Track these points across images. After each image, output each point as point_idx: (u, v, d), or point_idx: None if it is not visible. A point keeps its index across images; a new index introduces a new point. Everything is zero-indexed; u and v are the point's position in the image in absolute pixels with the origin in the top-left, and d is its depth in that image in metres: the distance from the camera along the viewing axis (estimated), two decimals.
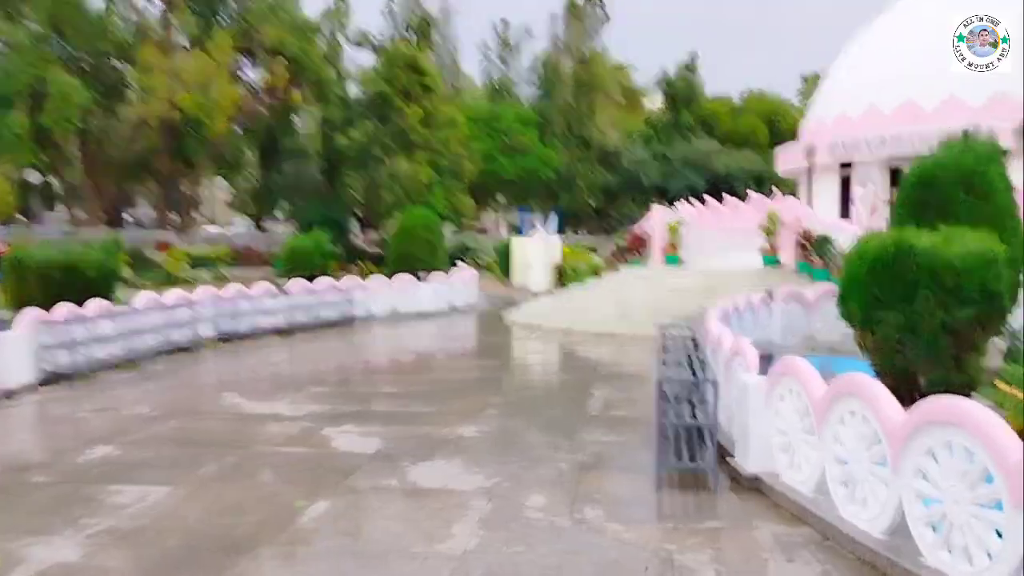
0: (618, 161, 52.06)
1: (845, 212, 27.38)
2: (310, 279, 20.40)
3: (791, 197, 29.94)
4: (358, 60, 48.11)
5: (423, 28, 45.57)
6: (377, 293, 21.66)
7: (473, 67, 75.96)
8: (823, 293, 15.39)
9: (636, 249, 23.06)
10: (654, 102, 64.68)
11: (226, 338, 17.07)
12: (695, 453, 7.33)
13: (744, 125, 55.64)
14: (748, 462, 7.15)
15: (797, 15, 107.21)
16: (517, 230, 65.05)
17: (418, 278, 22.50)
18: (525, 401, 11.35)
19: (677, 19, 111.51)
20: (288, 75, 37.48)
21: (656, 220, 22.54)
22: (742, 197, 29.97)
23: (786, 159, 30.99)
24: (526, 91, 56.67)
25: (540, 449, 8.60)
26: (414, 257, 23.73)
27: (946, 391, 6.31)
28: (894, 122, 25.66)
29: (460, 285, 23.86)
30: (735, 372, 7.94)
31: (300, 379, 13.14)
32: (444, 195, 39.70)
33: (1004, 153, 12.21)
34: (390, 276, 22.35)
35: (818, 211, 25.41)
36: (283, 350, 16.80)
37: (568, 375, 13.94)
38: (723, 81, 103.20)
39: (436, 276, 23.07)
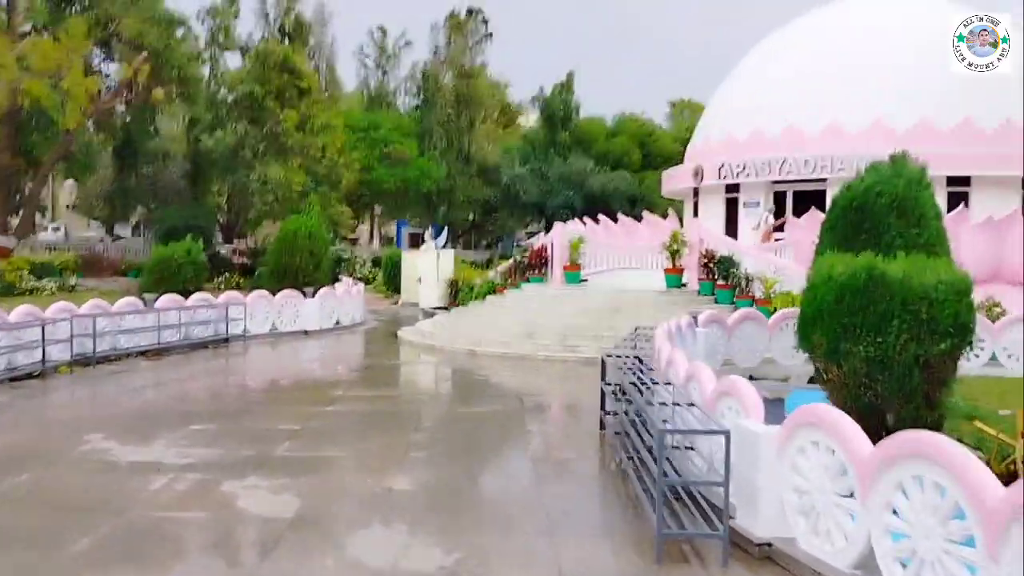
0: (497, 176, 51.19)
1: (731, 233, 27.45)
2: (181, 293, 18.12)
3: (676, 217, 29.93)
4: (229, 62, 44.79)
5: (297, 31, 43.11)
6: (256, 309, 19.55)
7: (348, 75, 73.42)
8: (742, 318, 14.76)
9: (536, 266, 22.00)
10: (529, 120, 64.46)
11: (83, 361, 14.65)
12: (694, 515, 6.17)
13: (617, 146, 56.10)
14: (757, 526, 6.03)
15: (665, 42, 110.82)
16: (391, 242, 63.15)
17: (303, 293, 20.52)
18: (454, 440, 9.86)
19: (550, 40, 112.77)
20: (149, 70, 34.25)
21: (557, 237, 21.57)
22: (615, 217, 29.65)
23: (673, 180, 30.97)
24: (404, 101, 55.03)
25: (495, 508, 7.20)
26: (296, 269, 21.72)
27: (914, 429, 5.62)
28: (778, 147, 25.94)
29: (348, 301, 22.02)
30: (728, 418, 6.85)
31: (178, 413, 11.14)
32: (320, 204, 37.41)
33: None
34: (271, 291, 20.26)
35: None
36: (153, 376, 14.56)
37: (491, 406, 12.55)
38: (597, 103, 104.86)
39: (323, 291, 21.16)
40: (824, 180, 25.27)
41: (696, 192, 29.28)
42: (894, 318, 8.21)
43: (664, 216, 30.68)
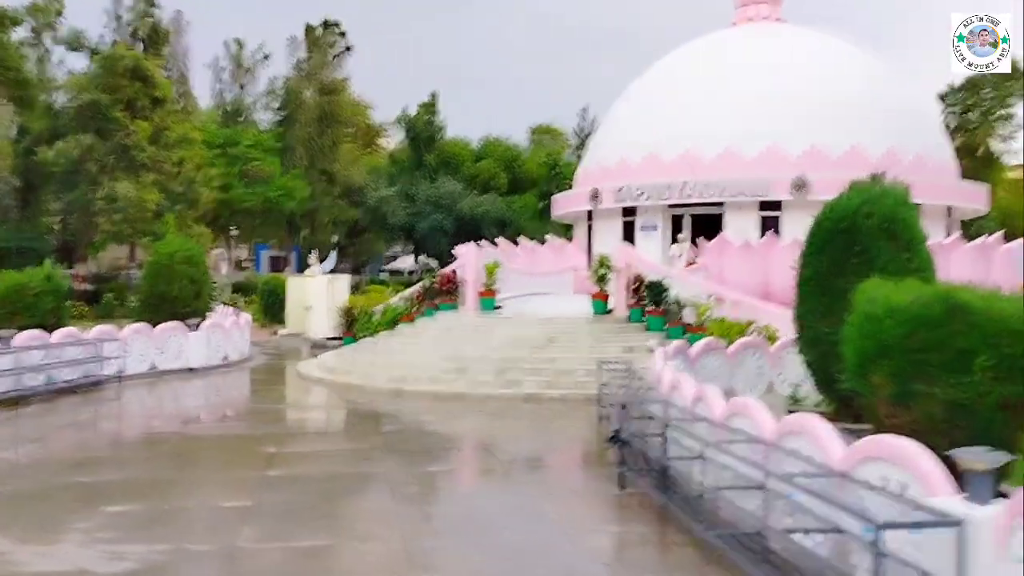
0: (362, 197, 48.69)
1: None
2: (40, 328, 14.95)
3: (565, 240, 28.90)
4: (70, 65, 39.95)
5: (153, 37, 39.09)
6: (132, 345, 16.56)
7: (203, 89, 68.29)
8: (704, 350, 13.63)
9: (448, 292, 20.15)
10: (391, 141, 62.29)
11: None
12: None
13: (485, 169, 54.98)
14: None
15: (521, 67, 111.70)
16: (240, 265, 58.83)
17: (187, 325, 17.66)
18: (464, 524, 7.79)
19: (406, 61, 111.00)
20: None
21: (470, 260, 19.86)
22: (491, 240, 28.24)
23: (565, 203, 30.00)
24: (263, 117, 51.48)
25: None
26: (173, 298, 18.73)
27: None
28: (674, 171, 25.50)
29: (236, 334, 19.28)
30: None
31: (79, 489, 8.55)
32: (176, 225, 33.73)
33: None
34: (151, 323, 17.29)
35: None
36: (21, 433, 11.61)
37: (467, 464, 10.58)
38: (458, 125, 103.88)
39: (209, 323, 18.35)
40: (722, 204, 25.04)
41: (590, 215, 28.42)
42: (977, 354, 7.10)
43: (569, 239, 29.61)
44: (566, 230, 52.12)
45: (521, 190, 54.85)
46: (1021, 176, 41.17)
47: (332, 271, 25.20)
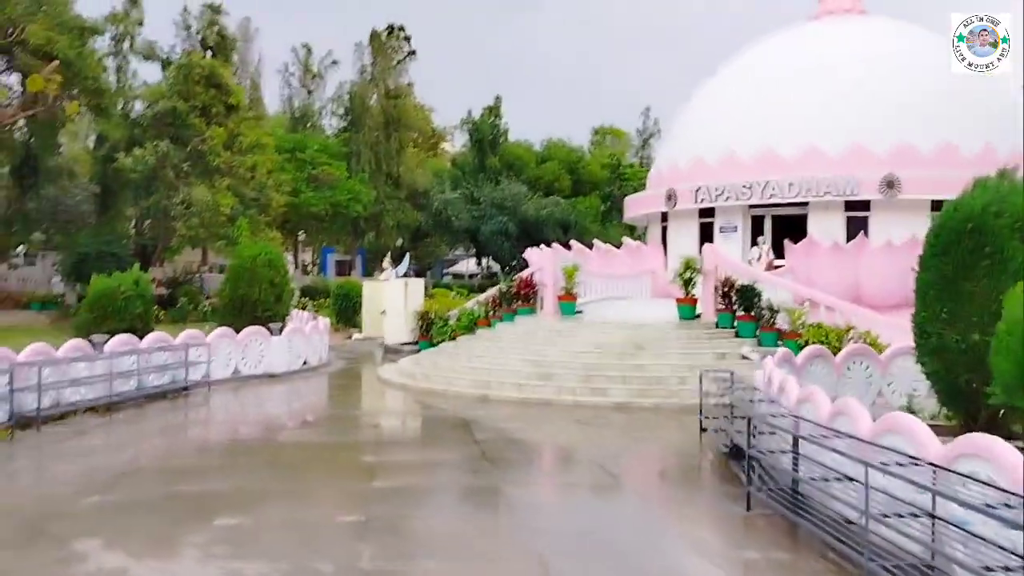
0: (427, 201, 48.71)
1: None
2: (130, 332, 14.98)
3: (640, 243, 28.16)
4: (144, 75, 40.79)
5: (220, 44, 39.64)
6: (217, 350, 16.52)
7: (271, 95, 69.48)
8: (809, 357, 12.94)
9: (525, 296, 19.75)
10: (454, 145, 62.35)
11: (24, 422, 11.46)
12: None
13: (548, 172, 54.66)
14: None
15: (580, 69, 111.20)
16: (305, 269, 59.32)
17: (268, 330, 17.60)
18: (593, 547, 6.99)
19: (465, 65, 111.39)
20: (60, 81, 30.29)
21: (547, 264, 19.42)
22: (549, 243, 27.48)
23: (638, 205, 29.38)
24: (329, 122, 51.93)
25: None
26: (255, 302, 18.70)
27: None
28: (754, 170, 24.68)
29: (316, 338, 19.18)
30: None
31: (187, 499, 8.34)
32: (250, 229, 34.03)
33: None
34: (232, 327, 17.25)
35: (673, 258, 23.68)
36: (120, 439, 11.55)
37: (583, 478, 9.89)
38: (520, 128, 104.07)
39: (291, 327, 18.27)
40: (805, 204, 24.13)
41: (665, 217, 27.74)
42: None
43: (639, 241, 28.90)
44: (631, 232, 51.43)
45: (584, 192, 54.31)
46: None
47: (405, 275, 24.98)
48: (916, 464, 6.12)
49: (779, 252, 21.91)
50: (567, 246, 27.11)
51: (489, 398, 14.79)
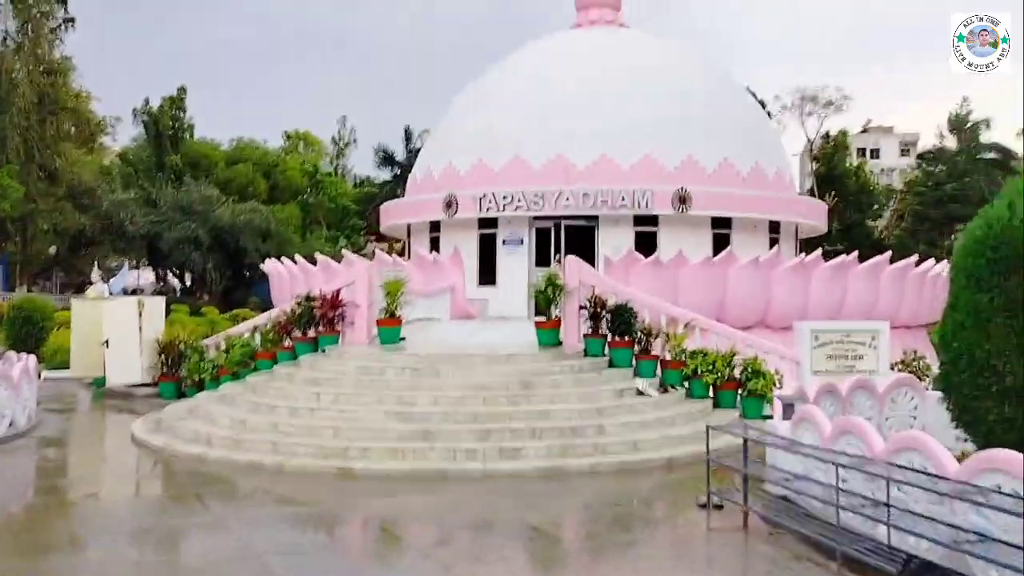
0: (95, 201, 39.27)
1: (488, 275, 22.86)
2: None
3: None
4: None
5: None
6: None
7: None
8: (852, 389, 10.12)
9: (330, 321, 14.73)
10: (115, 140, 52.05)
11: None
12: None
13: (240, 174, 47.52)
14: None
15: (271, 69, 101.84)
16: None
17: None
18: None
19: (139, 49, 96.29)
20: None
21: (360, 278, 14.73)
22: (246, 253, 22.61)
23: (402, 212, 25.25)
24: None
25: None
26: None
27: None
28: (545, 177, 22.19)
29: (26, 386, 12.32)
30: None
31: None
32: None
33: None
34: None
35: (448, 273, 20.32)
36: None
37: None
38: (205, 127, 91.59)
39: None
40: (595, 218, 22.11)
41: (437, 227, 24.01)
42: None
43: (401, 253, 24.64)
44: (333, 244, 46.72)
45: (282, 200, 48.25)
46: None
47: (134, 292, 18.16)
48: None
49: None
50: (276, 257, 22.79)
51: (354, 473, 9.97)
